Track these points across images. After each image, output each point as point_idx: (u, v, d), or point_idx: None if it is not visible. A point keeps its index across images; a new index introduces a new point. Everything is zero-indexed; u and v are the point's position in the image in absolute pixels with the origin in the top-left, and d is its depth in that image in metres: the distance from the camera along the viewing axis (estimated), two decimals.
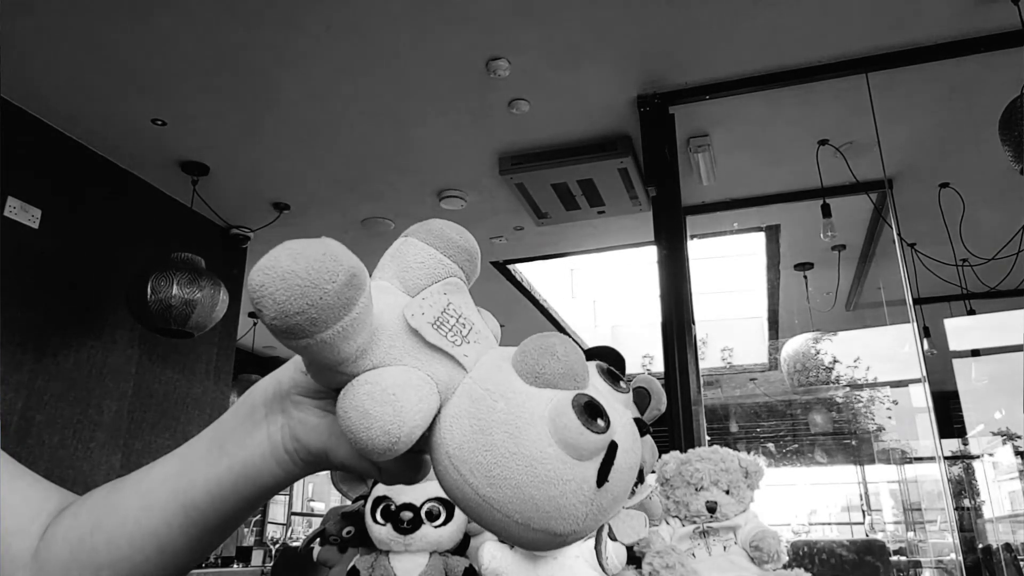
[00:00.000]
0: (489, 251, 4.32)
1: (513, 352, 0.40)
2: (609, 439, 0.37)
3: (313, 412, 0.44)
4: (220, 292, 3.12)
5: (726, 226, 4.02)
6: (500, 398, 0.38)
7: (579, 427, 0.36)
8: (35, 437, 2.82)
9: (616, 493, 0.38)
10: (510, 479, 0.36)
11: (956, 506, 5.90)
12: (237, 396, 5.23)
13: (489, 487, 0.37)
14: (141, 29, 2.48)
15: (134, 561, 0.46)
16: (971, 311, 4.64)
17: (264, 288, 0.34)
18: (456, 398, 0.39)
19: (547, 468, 0.36)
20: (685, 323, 2.70)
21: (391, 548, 0.60)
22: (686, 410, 2.58)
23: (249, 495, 0.46)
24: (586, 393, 0.38)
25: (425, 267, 0.43)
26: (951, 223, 3.58)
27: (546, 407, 0.37)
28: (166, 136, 3.13)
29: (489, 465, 0.37)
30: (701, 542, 0.91)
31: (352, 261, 0.36)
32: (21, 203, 2.84)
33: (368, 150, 3.28)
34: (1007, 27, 2.50)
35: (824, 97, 2.90)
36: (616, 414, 0.39)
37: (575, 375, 0.39)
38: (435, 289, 0.42)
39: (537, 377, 0.38)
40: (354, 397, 0.36)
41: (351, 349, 0.37)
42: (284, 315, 0.34)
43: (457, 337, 0.41)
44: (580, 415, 0.36)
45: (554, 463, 0.36)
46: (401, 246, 0.44)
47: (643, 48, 2.66)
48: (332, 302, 0.34)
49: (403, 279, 0.43)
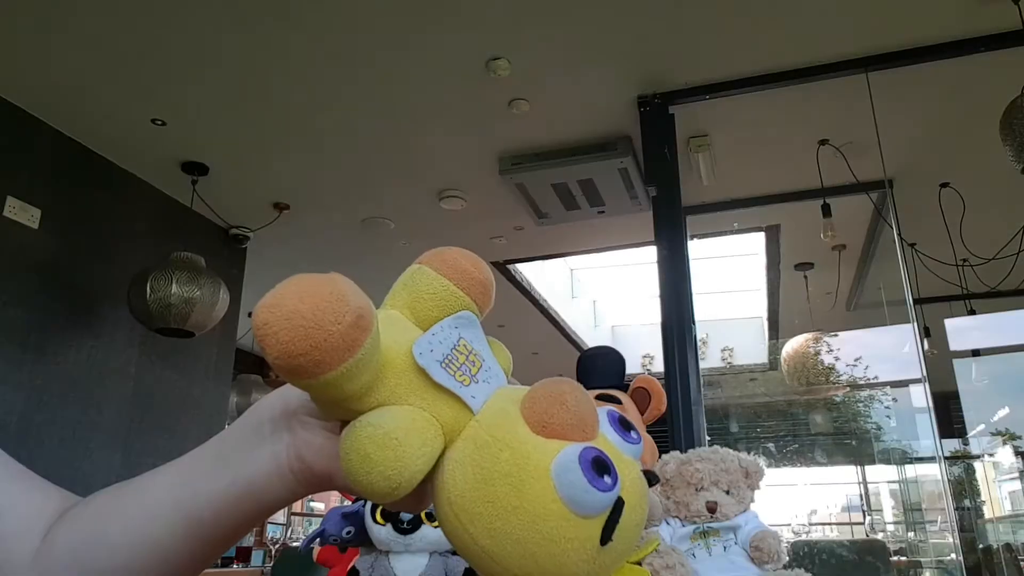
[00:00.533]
0: (489, 251, 4.32)
1: (523, 395, 0.39)
2: (615, 496, 0.36)
3: (320, 434, 0.43)
4: (220, 291, 3.12)
5: (726, 226, 4.02)
6: (505, 447, 0.37)
7: (585, 485, 0.35)
8: (35, 437, 2.82)
9: (620, 551, 0.38)
10: (511, 533, 0.36)
11: (956, 506, 5.90)
12: (237, 396, 5.25)
13: (489, 539, 0.36)
14: (141, 29, 2.48)
15: (135, 568, 0.45)
16: (971, 311, 4.63)
17: (268, 327, 0.33)
18: (461, 442, 0.39)
19: (550, 525, 0.35)
20: (685, 323, 2.70)
21: (391, 548, 0.59)
22: (686, 410, 2.58)
23: (251, 511, 0.45)
24: (594, 447, 0.37)
25: (437, 298, 0.42)
26: (951, 223, 3.57)
27: (552, 460, 0.36)
28: (166, 136, 3.13)
29: (490, 517, 0.36)
30: (701, 542, 0.91)
31: (360, 301, 0.35)
32: (21, 203, 2.84)
33: (368, 150, 3.28)
34: (1007, 27, 2.50)
35: (824, 97, 2.90)
36: (625, 469, 0.38)
37: (584, 425, 0.38)
38: (446, 324, 0.41)
39: (545, 426, 0.37)
40: (356, 439, 0.35)
41: (355, 388, 0.36)
42: (288, 355, 0.33)
43: (466, 376, 0.40)
44: (587, 471, 0.35)
45: (557, 520, 0.35)
46: (414, 274, 0.43)
47: (643, 48, 2.66)
48: (337, 344, 0.33)
49: (414, 309, 0.42)
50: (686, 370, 2.63)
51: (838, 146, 3.18)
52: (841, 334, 4.86)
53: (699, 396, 2.68)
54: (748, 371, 5.84)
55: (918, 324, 3.23)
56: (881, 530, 7.36)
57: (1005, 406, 5.83)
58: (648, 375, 1.12)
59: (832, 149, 3.20)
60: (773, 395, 5.73)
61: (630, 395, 1.11)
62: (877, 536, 6.94)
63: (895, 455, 6.48)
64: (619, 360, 1.18)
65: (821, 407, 5.70)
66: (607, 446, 0.38)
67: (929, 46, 2.62)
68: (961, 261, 3.97)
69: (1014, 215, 3.69)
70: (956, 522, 5.58)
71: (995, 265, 3.85)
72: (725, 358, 5.81)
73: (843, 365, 4.85)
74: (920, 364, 3.22)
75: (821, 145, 3.19)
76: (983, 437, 6.14)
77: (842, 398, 5.69)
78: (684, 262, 2.81)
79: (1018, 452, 5.88)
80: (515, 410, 0.39)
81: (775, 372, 5.40)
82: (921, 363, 3.21)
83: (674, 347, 2.65)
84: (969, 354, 5.37)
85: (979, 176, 3.43)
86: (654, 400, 1.11)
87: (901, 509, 7.36)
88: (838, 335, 4.80)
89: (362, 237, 4.11)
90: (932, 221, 3.58)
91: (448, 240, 1.72)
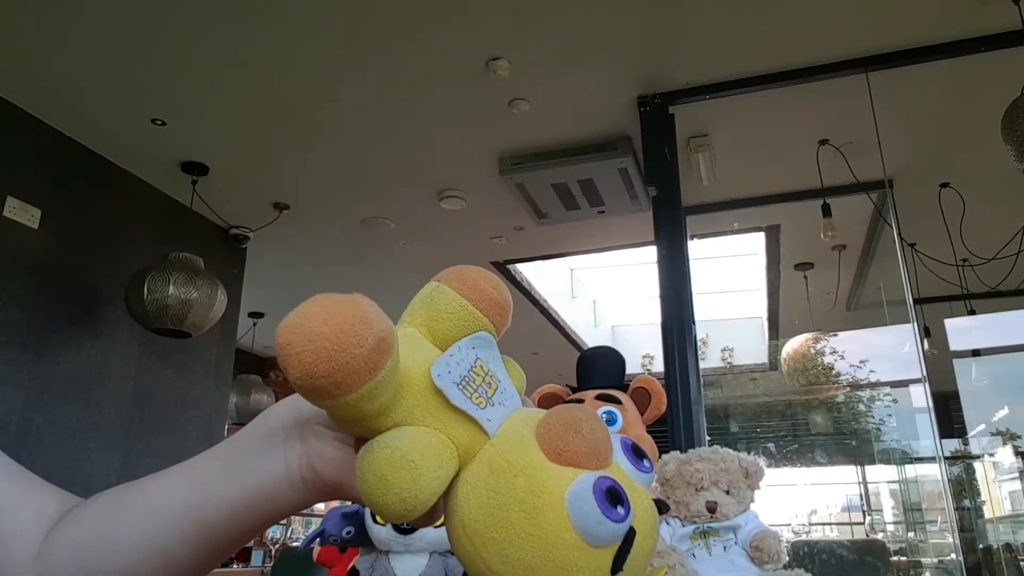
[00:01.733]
0: (489, 251, 4.32)
1: (538, 421, 0.40)
2: (628, 527, 0.37)
3: (332, 444, 0.43)
4: (218, 292, 3.12)
5: (726, 226, 4.02)
6: (520, 473, 0.37)
7: (599, 515, 0.35)
8: (35, 437, 2.82)
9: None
10: (523, 560, 0.36)
11: (956, 506, 5.89)
12: (237, 396, 5.24)
13: (501, 564, 0.37)
14: (141, 29, 2.48)
15: (140, 571, 0.45)
16: (971, 311, 4.63)
17: (291, 347, 0.33)
18: (476, 464, 0.39)
19: (562, 554, 0.36)
20: (685, 323, 2.70)
21: (391, 548, 0.59)
22: (686, 410, 2.58)
23: (260, 518, 0.46)
24: (608, 477, 0.37)
25: (455, 318, 0.42)
26: (951, 223, 3.57)
27: (566, 489, 0.36)
28: (166, 136, 3.13)
29: (503, 543, 0.36)
30: (701, 542, 0.91)
31: (382, 324, 0.35)
32: (21, 203, 2.84)
33: (368, 150, 3.28)
34: (1007, 27, 2.50)
35: (824, 97, 2.90)
36: (637, 498, 0.38)
37: (599, 454, 0.38)
38: (463, 344, 0.41)
39: (560, 454, 0.38)
40: (372, 461, 0.35)
41: (374, 408, 0.37)
42: (309, 377, 0.33)
43: (482, 399, 0.40)
44: (600, 502, 0.36)
45: (570, 549, 0.36)
46: (433, 292, 0.43)
47: (643, 48, 2.66)
48: (359, 367, 0.34)
49: (432, 328, 0.42)
50: (686, 370, 2.63)
51: (838, 146, 3.18)
52: (841, 334, 4.86)
53: (699, 396, 2.68)
54: (748, 371, 5.84)
55: (918, 324, 3.23)
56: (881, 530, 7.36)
57: (1005, 406, 5.82)
58: (648, 375, 1.12)
59: (832, 149, 3.19)
60: (773, 395, 5.73)
61: (630, 395, 1.11)
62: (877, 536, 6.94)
63: (895, 455, 6.48)
64: (619, 360, 1.18)
65: (821, 407, 5.70)
66: (620, 475, 0.39)
67: (929, 46, 2.62)
68: (961, 261, 3.97)
69: (1014, 215, 3.69)
70: (956, 522, 5.58)
71: (995, 265, 3.85)
72: (725, 358, 5.82)
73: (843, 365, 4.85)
74: (920, 364, 3.22)
75: (821, 145, 3.19)
76: (983, 437, 6.13)
77: (842, 398, 5.69)
78: (684, 262, 2.81)
79: (1018, 452, 5.87)
80: (530, 435, 0.39)
81: (775, 372, 5.41)
82: (921, 363, 3.21)
83: (674, 347, 2.65)
84: (969, 354, 5.37)
85: (979, 176, 3.43)
86: (654, 400, 1.11)
87: (901, 509, 7.36)
88: (838, 335, 4.80)
89: (362, 237, 4.11)
90: (932, 221, 3.58)
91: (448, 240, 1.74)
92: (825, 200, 3.32)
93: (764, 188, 3.67)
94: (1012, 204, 3.59)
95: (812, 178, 3.27)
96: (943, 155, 3.34)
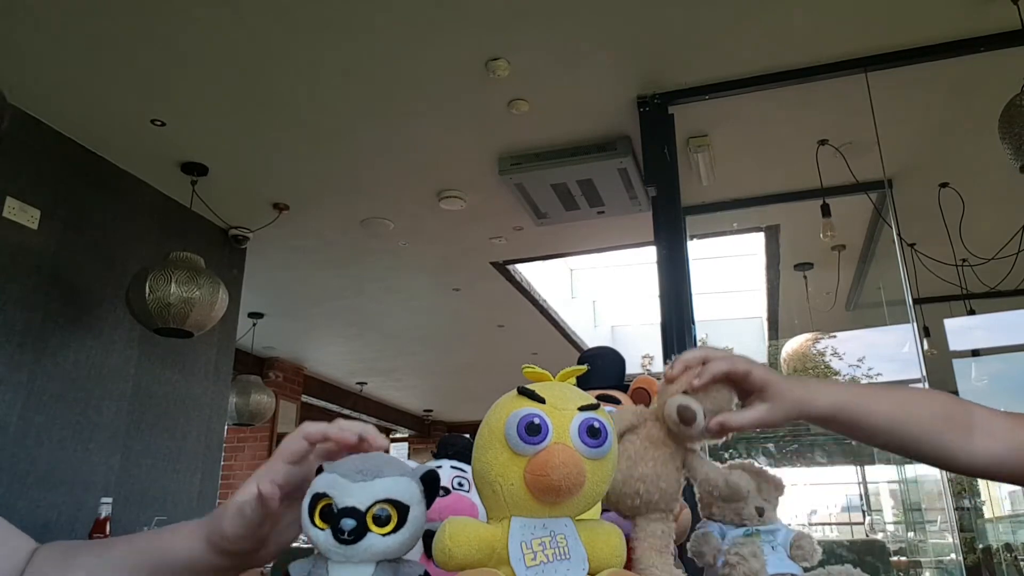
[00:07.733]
0: (489, 251, 4.32)
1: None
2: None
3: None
4: (219, 291, 3.11)
5: (726, 226, 4.02)
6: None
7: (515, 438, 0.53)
8: (34, 437, 2.82)
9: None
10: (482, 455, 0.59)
11: (956, 506, 5.89)
12: (236, 396, 5.23)
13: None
14: (141, 29, 2.48)
15: None
16: (971, 311, 4.63)
17: None
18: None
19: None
20: (685, 323, 2.70)
21: (330, 556, 0.54)
22: None
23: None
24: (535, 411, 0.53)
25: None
26: (951, 223, 3.57)
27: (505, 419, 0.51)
28: (166, 136, 3.13)
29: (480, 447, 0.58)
30: None
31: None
32: (20, 203, 2.84)
33: (368, 150, 3.28)
34: (1007, 27, 2.50)
35: (824, 97, 2.90)
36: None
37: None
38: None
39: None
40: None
41: None
42: None
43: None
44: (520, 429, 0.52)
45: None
46: None
47: (643, 48, 2.66)
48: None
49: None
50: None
51: (838, 146, 3.18)
52: (841, 334, 4.86)
53: None
54: None
55: (918, 324, 3.23)
56: (881, 530, 7.37)
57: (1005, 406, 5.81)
58: (648, 375, 1.12)
59: (832, 149, 3.19)
60: None
61: (630, 395, 1.11)
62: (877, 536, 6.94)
63: (895, 455, 6.47)
64: (619, 360, 1.18)
65: None
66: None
67: (929, 46, 2.62)
68: (961, 261, 3.97)
69: (1014, 215, 3.69)
70: (956, 522, 5.58)
71: (995, 265, 3.85)
72: None
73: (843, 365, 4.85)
74: (920, 364, 3.22)
75: (821, 145, 3.19)
76: None
77: None
78: (684, 262, 2.81)
79: None
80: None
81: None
82: (920, 363, 3.21)
83: (674, 347, 2.65)
84: (969, 354, 5.37)
85: (979, 176, 3.43)
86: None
87: (901, 509, 7.36)
88: (837, 335, 4.80)
89: (362, 237, 4.11)
90: (932, 221, 3.58)
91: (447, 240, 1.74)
92: (824, 200, 3.32)
93: (763, 188, 3.67)
94: (1012, 204, 3.59)
95: (811, 178, 3.27)
96: (942, 155, 3.34)
